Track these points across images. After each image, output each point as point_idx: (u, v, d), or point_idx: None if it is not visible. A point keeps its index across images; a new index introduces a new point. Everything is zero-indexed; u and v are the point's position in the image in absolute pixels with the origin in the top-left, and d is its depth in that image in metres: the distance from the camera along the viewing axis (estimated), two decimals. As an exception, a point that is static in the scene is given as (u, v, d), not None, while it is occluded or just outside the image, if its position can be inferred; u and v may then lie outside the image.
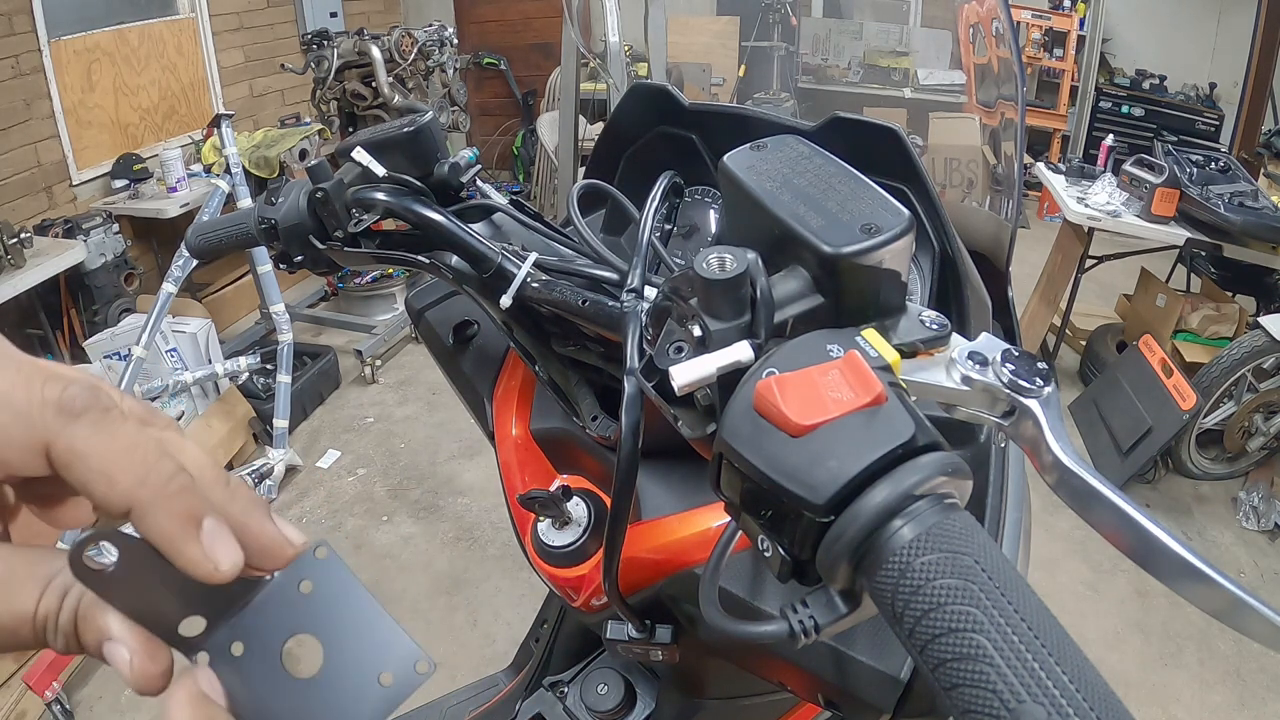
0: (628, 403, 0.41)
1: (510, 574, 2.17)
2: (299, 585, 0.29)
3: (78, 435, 0.23)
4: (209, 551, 0.24)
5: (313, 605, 0.28)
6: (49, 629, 0.24)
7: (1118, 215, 2.72)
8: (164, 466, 0.24)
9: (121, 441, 0.23)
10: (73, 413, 0.23)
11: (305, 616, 0.28)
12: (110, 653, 0.25)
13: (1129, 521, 0.32)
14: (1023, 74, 0.74)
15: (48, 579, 0.24)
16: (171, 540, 0.24)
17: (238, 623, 0.28)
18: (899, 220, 0.36)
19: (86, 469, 0.23)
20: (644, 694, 0.66)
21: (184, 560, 0.24)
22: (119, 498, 0.23)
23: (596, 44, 3.33)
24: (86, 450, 0.23)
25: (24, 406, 0.22)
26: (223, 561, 0.24)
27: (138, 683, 0.25)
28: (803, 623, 0.31)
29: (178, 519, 0.24)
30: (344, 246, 0.59)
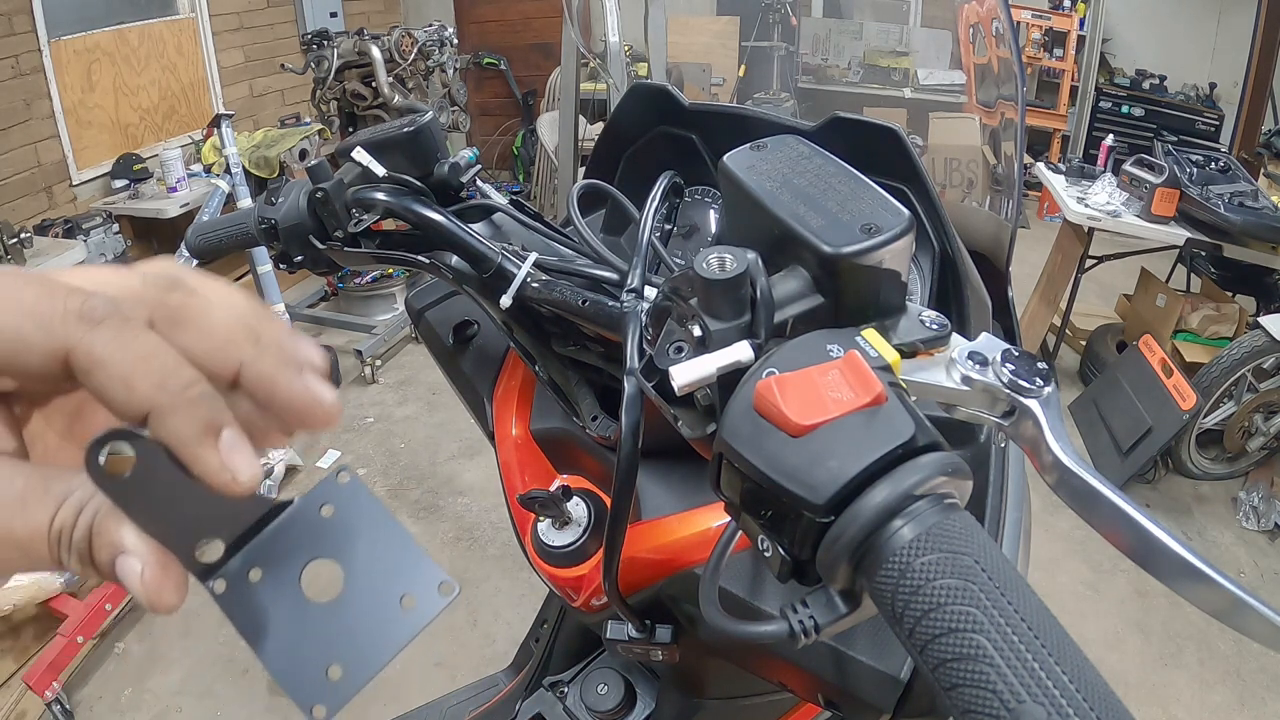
0: (628, 403, 0.41)
1: (510, 574, 2.17)
2: (320, 510, 0.28)
3: (97, 341, 0.23)
4: (227, 460, 0.24)
5: (334, 530, 0.28)
6: (63, 544, 0.24)
7: (1118, 215, 2.72)
8: (184, 373, 0.24)
9: (141, 348, 0.23)
10: (93, 320, 0.23)
11: (325, 541, 0.28)
12: (122, 567, 0.24)
13: (1129, 521, 0.32)
14: (1023, 74, 0.75)
15: (64, 495, 0.24)
16: (188, 445, 0.23)
17: (256, 548, 0.27)
18: (899, 220, 0.36)
19: (105, 375, 0.23)
20: (644, 694, 0.66)
21: (201, 467, 0.24)
22: (137, 402, 0.23)
23: (596, 44, 3.33)
24: (105, 356, 0.23)
25: (46, 315, 0.23)
26: (241, 472, 0.24)
27: (149, 595, 0.24)
28: (803, 623, 0.31)
29: (196, 424, 0.23)
30: (344, 246, 0.59)
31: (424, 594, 0.27)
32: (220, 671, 1.91)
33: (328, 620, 0.27)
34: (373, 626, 0.27)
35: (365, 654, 0.26)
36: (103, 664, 1.92)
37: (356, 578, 0.27)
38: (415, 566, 0.28)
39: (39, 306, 0.23)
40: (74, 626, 1.77)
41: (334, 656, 0.26)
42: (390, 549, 0.28)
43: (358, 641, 0.27)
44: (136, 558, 0.24)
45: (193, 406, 0.23)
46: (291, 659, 0.26)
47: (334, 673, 0.26)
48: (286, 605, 0.27)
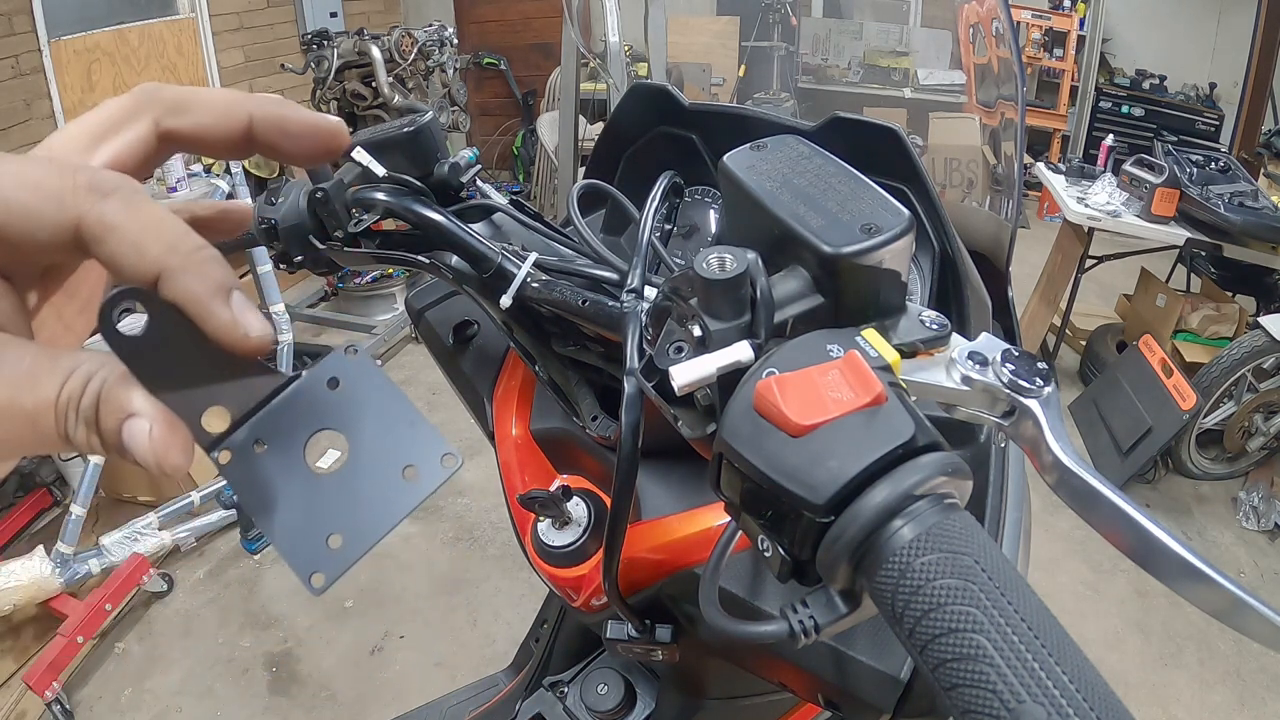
0: (628, 403, 0.41)
1: (510, 574, 2.17)
2: (326, 383, 0.28)
3: (108, 209, 0.23)
4: (238, 315, 0.24)
5: (339, 402, 0.28)
6: (70, 413, 0.24)
7: (1118, 215, 2.72)
8: (194, 238, 0.24)
9: (152, 215, 0.24)
10: (104, 191, 0.23)
11: (331, 413, 0.28)
12: (129, 430, 0.24)
13: (1129, 521, 0.32)
14: (1023, 74, 0.75)
15: (73, 368, 0.24)
16: (201, 302, 0.24)
17: (262, 420, 0.27)
18: (899, 220, 0.36)
19: (117, 240, 0.23)
20: (644, 694, 0.66)
21: (213, 323, 0.24)
22: (148, 264, 0.23)
23: (596, 44, 3.33)
24: (116, 222, 0.23)
25: (56, 189, 0.23)
26: (253, 328, 0.24)
27: (156, 453, 0.24)
28: (803, 623, 0.31)
29: (208, 282, 0.24)
30: (344, 246, 0.59)
31: (427, 465, 0.28)
32: (220, 671, 1.91)
33: (330, 490, 0.27)
34: (375, 496, 0.27)
35: (366, 523, 0.27)
36: (103, 664, 1.92)
37: (360, 449, 0.28)
38: (419, 438, 0.28)
39: (48, 181, 0.23)
40: (74, 626, 1.77)
41: (335, 526, 0.26)
42: (395, 422, 0.28)
43: (359, 511, 0.27)
44: (144, 418, 0.24)
45: (204, 266, 0.24)
46: (293, 528, 0.26)
47: (334, 541, 0.26)
48: (290, 476, 0.27)
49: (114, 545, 2.00)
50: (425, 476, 0.27)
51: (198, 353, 0.25)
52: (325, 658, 1.94)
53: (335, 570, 0.26)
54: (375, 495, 0.27)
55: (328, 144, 0.29)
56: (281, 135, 0.28)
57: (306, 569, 0.26)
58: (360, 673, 1.90)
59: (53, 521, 2.21)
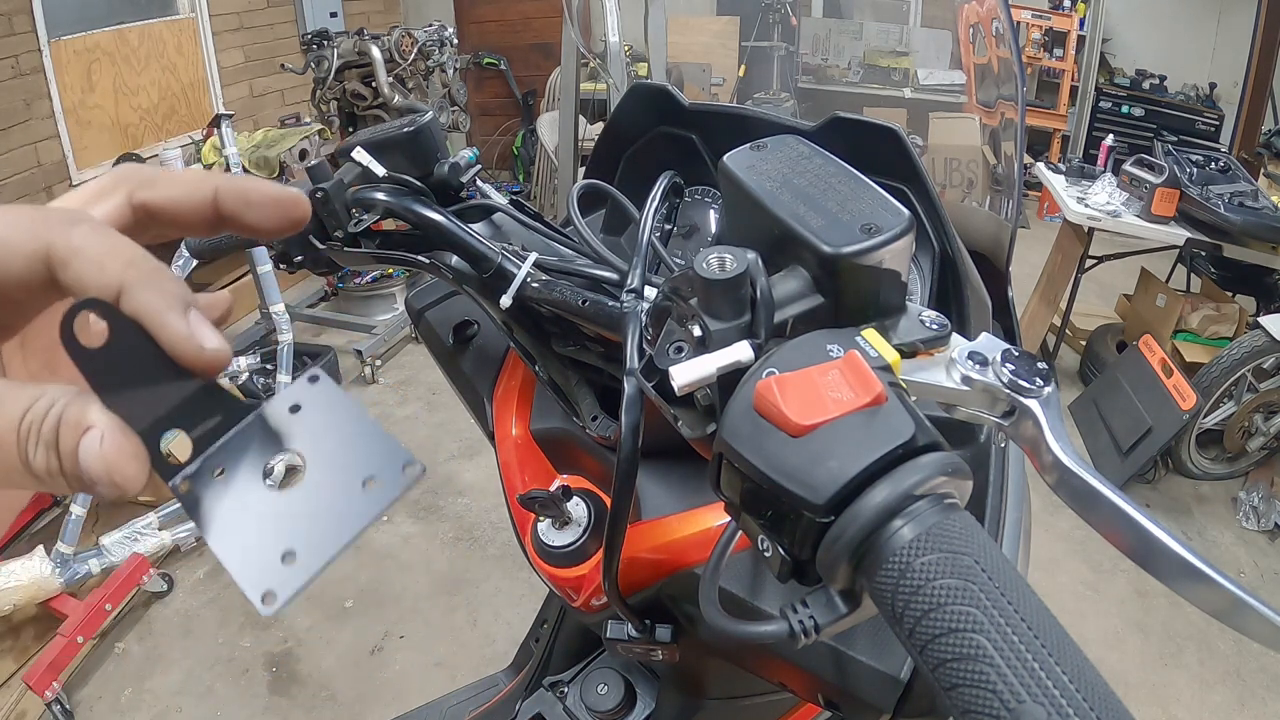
0: (628, 403, 0.41)
1: (510, 574, 2.17)
2: (289, 409, 0.28)
3: (75, 234, 0.24)
4: (194, 329, 0.25)
5: (301, 424, 0.28)
6: (31, 440, 0.24)
7: (1118, 215, 2.72)
8: (155, 260, 0.25)
9: (117, 239, 0.25)
10: (73, 221, 0.25)
11: (292, 435, 0.28)
12: (84, 445, 0.24)
13: (1129, 521, 0.32)
14: (1023, 74, 0.74)
15: (37, 395, 0.25)
16: (158, 313, 0.24)
17: (223, 448, 0.27)
18: (899, 220, 0.36)
19: (82, 261, 0.24)
20: (644, 694, 0.66)
21: (168, 333, 0.24)
22: (110, 279, 0.24)
23: (596, 44, 3.33)
24: (83, 245, 0.24)
25: (28, 221, 0.25)
26: (207, 340, 0.25)
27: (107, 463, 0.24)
28: (803, 623, 0.31)
29: (165, 295, 0.25)
30: (344, 246, 0.59)
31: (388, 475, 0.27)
32: (220, 671, 1.91)
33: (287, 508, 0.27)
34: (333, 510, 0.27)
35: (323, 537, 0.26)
36: (103, 664, 1.92)
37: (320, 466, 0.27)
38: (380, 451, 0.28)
39: (21, 217, 0.25)
40: (74, 626, 1.77)
41: (290, 543, 0.26)
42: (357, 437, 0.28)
43: (316, 526, 0.26)
44: (98, 429, 0.24)
45: (163, 281, 0.25)
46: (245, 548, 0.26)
47: (289, 559, 0.26)
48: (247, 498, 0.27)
49: (114, 545, 2.00)
50: (386, 486, 0.27)
51: (159, 373, 0.25)
52: (325, 658, 1.94)
53: (288, 588, 0.25)
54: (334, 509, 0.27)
55: (289, 213, 0.30)
56: (244, 205, 0.29)
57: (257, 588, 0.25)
58: (360, 673, 1.90)
59: (53, 521, 2.21)
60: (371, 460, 0.27)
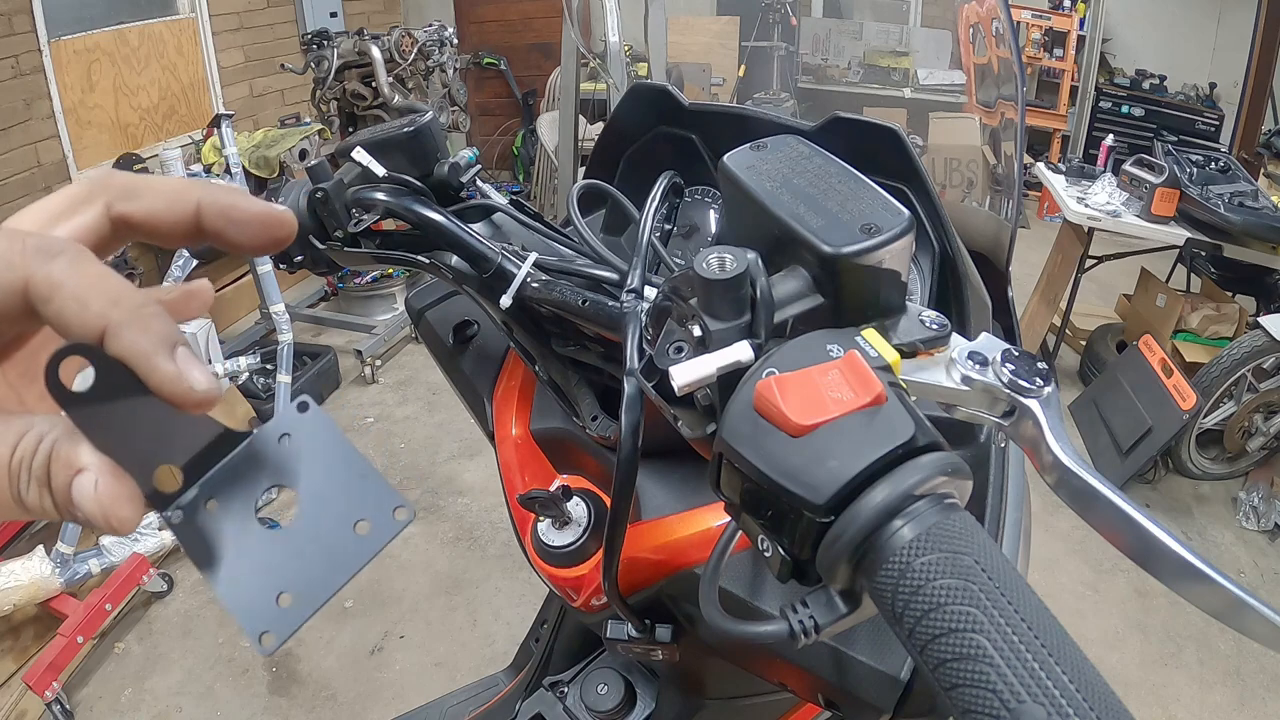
0: (628, 403, 0.41)
1: (510, 574, 2.17)
2: (279, 439, 0.28)
3: (55, 268, 0.24)
4: (183, 369, 0.24)
5: (291, 458, 0.28)
6: (23, 476, 0.24)
7: (1118, 215, 2.72)
8: (137, 295, 0.24)
9: (97, 272, 0.24)
10: (51, 252, 0.24)
11: (282, 469, 0.28)
12: (77, 486, 0.24)
13: (1129, 521, 0.32)
14: (1023, 74, 0.74)
15: (25, 429, 0.25)
16: (145, 355, 0.24)
17: (214, 478, 0.27)
18: (899, 220, 0.36)
19: (63, 297, 0.23)
20: (644, 694, 0.66)
21: (157, 377, 0.24)
22: (93, 319, 0.23)
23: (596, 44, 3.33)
24: (62, 279, 0.24)
25: (5, 253, 0.24)
26: (198, 382, 0.24)
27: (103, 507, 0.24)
28: (803, 623, 0.31)
29: (151, 336, 0.24)
30: (344, 246, 0.59)
31: (379, 519, 0.27)
32: (220, 671, 1.91)
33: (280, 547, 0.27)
34: (325, 553, 0.27)
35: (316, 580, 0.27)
36: (103, 664, 1.92)
37: (311, 505, 0.28)
38: (372, 492, 0.28)
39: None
40: (74, 626, 1.77)
41: (285, 584, 0.26)
42: (347, 476, 0.28)
43: (309, 568, 0.27)
44: (91, 472, 0.24)
45: (148, 320, 0.24)
46: (243, 587, 0.26)
47: (284, 600, 0.26)
48: (241, 533, 0.27)
49: (114, 545, 2.00)
50: (377, 531, 0.27)
51: (147, 410, 0.25)
52: (325, 658, 1.94)
53: (285, 630, 0.26)
54: (326, 552, 0.27)
55: (273, 232, 0.29)
56: (227, 222, 0.28)
57: (256, 628, 0.26)
58: (360, 673, 1.90)
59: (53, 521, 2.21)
60: (363, 501, 0.28)
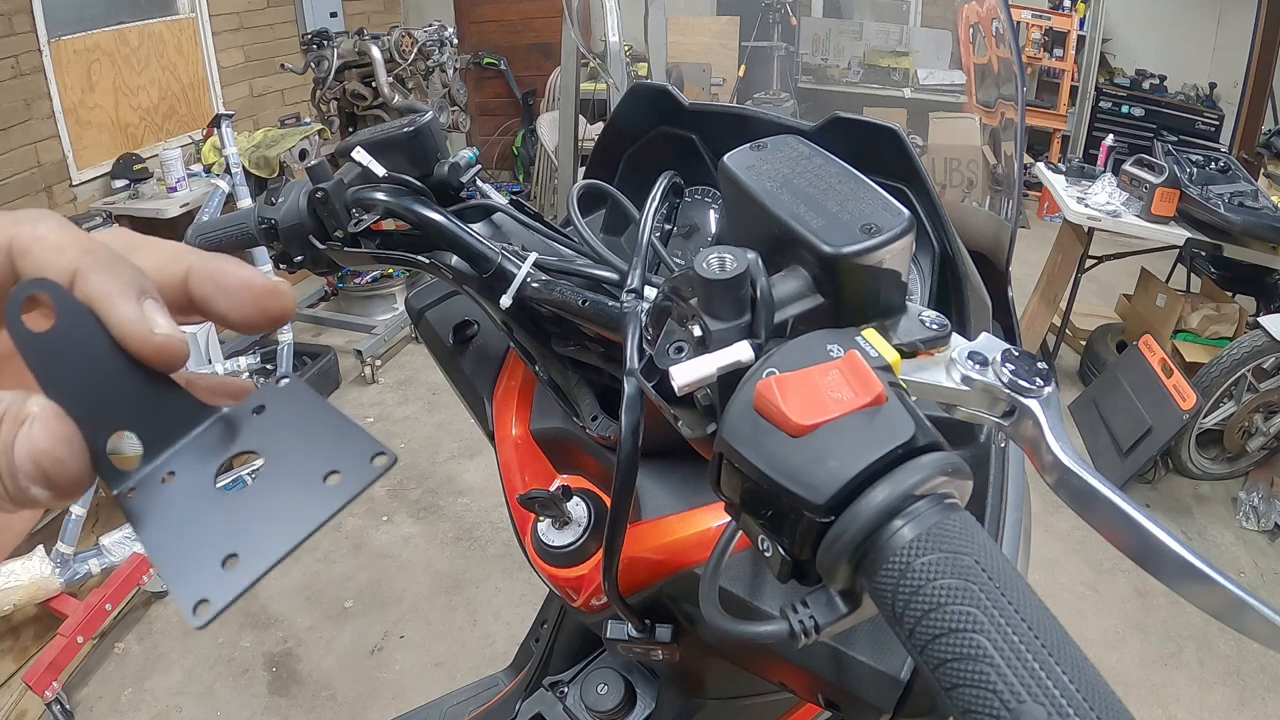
0: (628, 403, 0.41)
1: (510, 574, 2.17)
2: (253, 409, 0.26)
3: (39, 226, 0.23)
4: (147, 314, 0.23)
5: (262, 424, 0.25)
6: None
7: (1118, 215, 2.72)
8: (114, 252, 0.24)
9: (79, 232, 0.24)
10: (40, 217, 0.24)
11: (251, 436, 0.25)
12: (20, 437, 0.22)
13: (1129, 521, 0.32)
14: (1023, 74, 0.74)
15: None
16: (109, 296, 0.23)
17: (176, 454, 0.25)
18: (899, 220, 0.36)
19: (41, 248, 0.23)
20: (644, 694, 0.66)
21: (116, 316, 0.23)
22: (66, 263, 0.23)
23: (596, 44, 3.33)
24: (44, 234, 0.23)
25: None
26: (159, 325, 0.23)
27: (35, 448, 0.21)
28: (803, 623, 0.31)
29: (119, 280, 0.23)
30: (344, 246, 0.59)
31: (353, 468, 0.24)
32: (220, 671, 1.91)
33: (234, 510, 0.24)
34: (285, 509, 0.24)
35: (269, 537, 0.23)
36: (103, 664, 1.92)
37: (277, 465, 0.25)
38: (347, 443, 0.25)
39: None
40: (74, 626, 1.77)
41: (233, 546, 0.23)
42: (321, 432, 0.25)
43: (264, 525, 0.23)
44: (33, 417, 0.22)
45: (119, 269, 0.23)
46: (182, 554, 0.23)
47: (230, 563, 0.23)
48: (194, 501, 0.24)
49: (114, 545, 2.00)
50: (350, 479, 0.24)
51: (110, 367, 0.23)
52: (325, 658, 1.94)
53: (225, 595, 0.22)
54: (286, 508, 0.24)
55: (265, 307, 0.26)
56: (215, 289, 0.26)
57: (190, 598, 0.22)
58: (360, 673, 1.90)
59: (53, 521, 2.21)
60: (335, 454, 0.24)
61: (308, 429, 0.25)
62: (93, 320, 0.23)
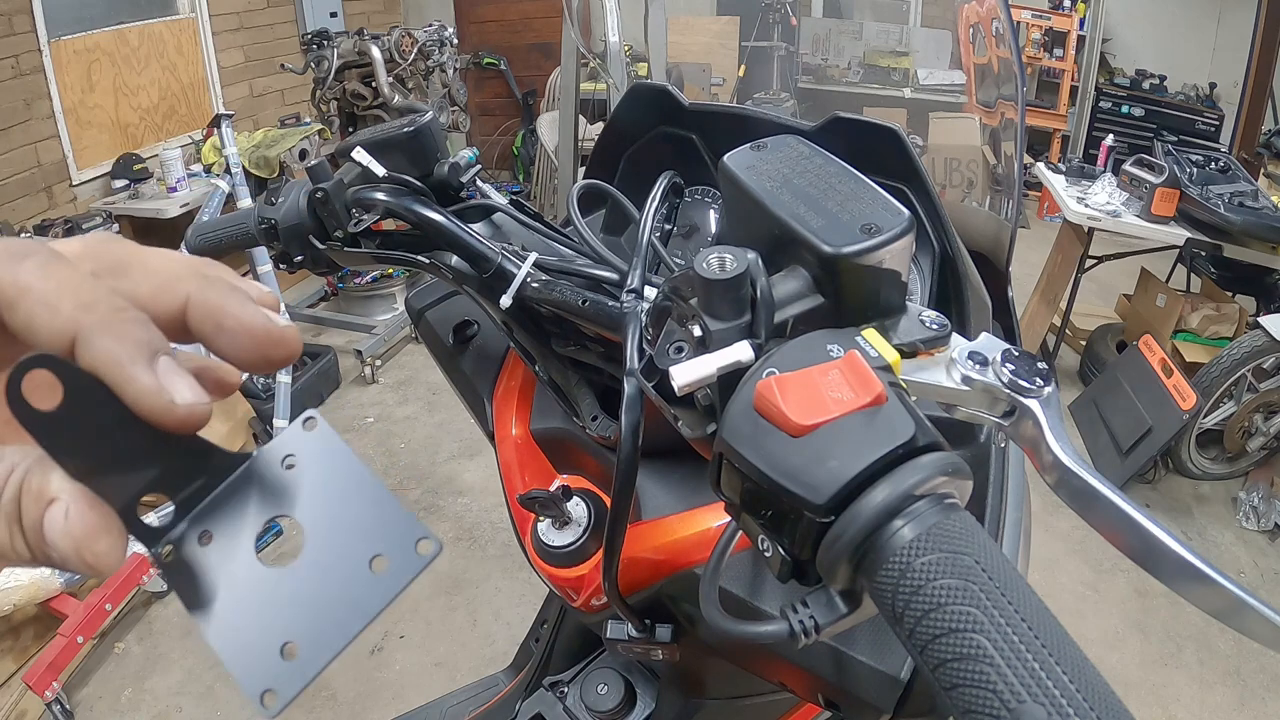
0: (628, 403, 0.41)
1: (510, 574, 2.17)
2: (283, 462, 0.25)
3: (23, 271, 0.21)
4: (164, 382, 0.21)
5: (296, 483, 0.24)
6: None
7: (1118, 215, 2.72)
8: (115, 299, 0.21)
9: (69, 275, 0.21)
10: (19, 255, 0.21)
11: (286, 497, 0.24)
12: (49, 520, 0.21)
13: (1129, 521, 0.32)
14: (1023, 74, 0.75)
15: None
16: (119, 365, 0.21)
17: (209, 508, 0.24)
18: (899, 220, 0.36)
19: (30, 302, 0.21)
20: (644, 694, 0.66)
21: (133, 390, 0.21)
22: (62, 324, 0.20)
23: (596, 44, 3.33)
24: (30, 282, 0.21)
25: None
26: (179, 394, 0.21)
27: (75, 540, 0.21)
28: (803, 623, 0.31)
29: (127, 343, 0.21)
30: (344, 246, 0.59)
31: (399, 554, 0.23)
32: (220, 672, 1.90)
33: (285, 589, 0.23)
34: (337, 594, 0.23)
35: (327, 628, 0.23)
36: (103, 664, 1.92)
37: (320, 539, 0.24)
38: (390, 522, 0.24)
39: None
40: (74, 626, 1.77)
41: (291, 632, 0.22)
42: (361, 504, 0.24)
43: (319, 613, 0.23)
44: (63, 502, 0.21)
45: (123, 326, 0.21)
46: (242, 637, 0.23)
47: (290, 650, 0.22)
48: (239, 572, 0.23)
49: (114, 545, 2.00)
50: (397, 567, 0.23)
51: (127, 432, 0.22)
52: (325, 658, 1.94)
53: (291, 687, 0.22)
54: (338, 594, 0.23)
55: (266, 353, 0.24)
56: (215, 328, 0.23)
57: (257, 686, 0.22)
58: (360, 673, 1.90)
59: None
60: (381, 533, 0.24)
61: (346, 496, 0.24)
62: (103, 390, 0.21)
